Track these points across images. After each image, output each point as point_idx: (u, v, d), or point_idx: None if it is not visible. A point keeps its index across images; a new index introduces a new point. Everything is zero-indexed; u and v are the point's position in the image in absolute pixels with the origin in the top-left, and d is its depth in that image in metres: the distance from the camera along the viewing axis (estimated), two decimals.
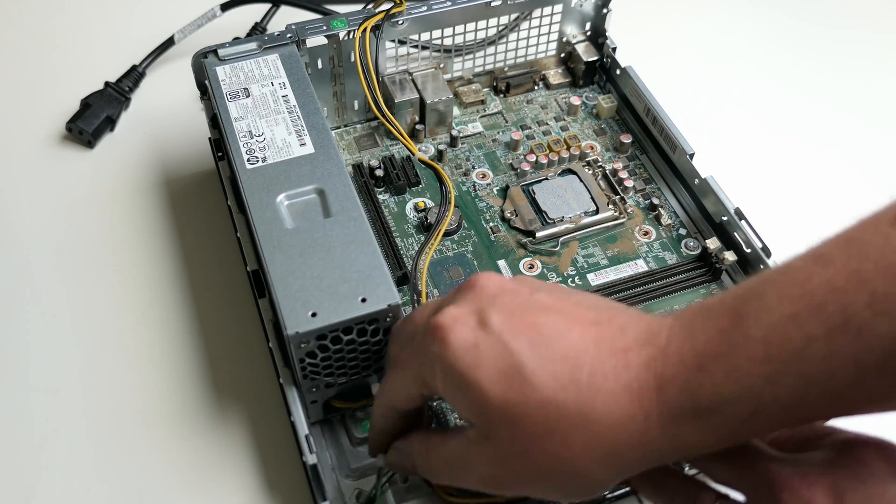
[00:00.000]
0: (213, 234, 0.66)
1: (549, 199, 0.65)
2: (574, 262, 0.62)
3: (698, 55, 0.81)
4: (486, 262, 0.62)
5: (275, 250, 0.49)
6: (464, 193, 0.66)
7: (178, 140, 0.73)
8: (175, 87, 0.75)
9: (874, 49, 0.82)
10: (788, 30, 0.84)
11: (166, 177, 0.70)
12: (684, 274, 0.61)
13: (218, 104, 0.58)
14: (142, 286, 0.63)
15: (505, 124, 0.71)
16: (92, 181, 0.70)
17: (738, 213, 0.59)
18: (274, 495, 0.53)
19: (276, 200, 0.52)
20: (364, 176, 0.66)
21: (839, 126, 0.76)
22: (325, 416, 0.52)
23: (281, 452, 0.55)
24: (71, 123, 0.71)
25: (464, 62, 0.72)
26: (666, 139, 0.66)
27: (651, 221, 0.65)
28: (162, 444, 0.55)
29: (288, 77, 0.59)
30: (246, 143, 0.55)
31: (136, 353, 0.59)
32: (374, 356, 0.50)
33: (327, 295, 0.47)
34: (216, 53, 0.61)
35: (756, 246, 0.58)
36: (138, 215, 0.67)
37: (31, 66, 0.78)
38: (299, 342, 0.46)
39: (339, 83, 0.67)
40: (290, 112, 0.57)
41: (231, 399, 0.57)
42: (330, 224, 0.51)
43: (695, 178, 0.63)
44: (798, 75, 0.80)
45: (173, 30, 0.77)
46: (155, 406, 0.57)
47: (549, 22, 0.71)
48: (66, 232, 0.66)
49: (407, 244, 0.63)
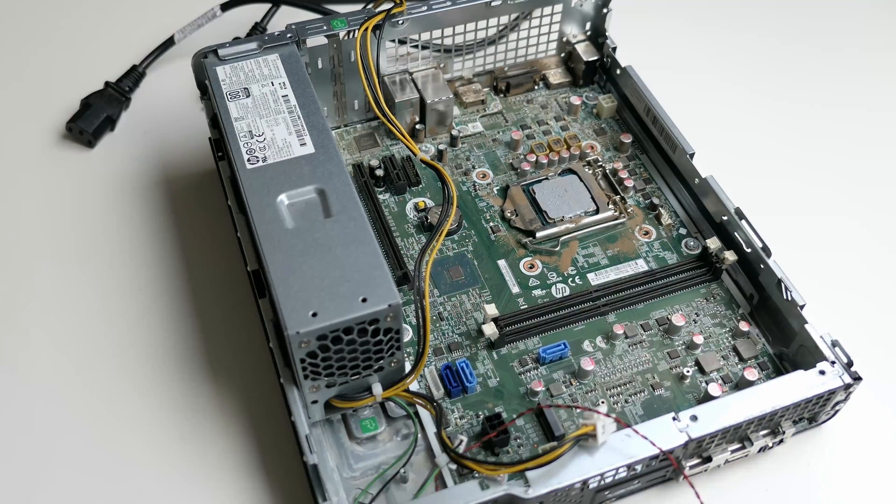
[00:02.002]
0: (213, 234, 0.66)
1: (549, 198, 0.65)
2: (574, 261, 0.62)
3: (698, 55, 0.81)
4: (486, 262, 0.62)
5: (275, 250, 0.49)
6: (464, 193, 0.66)
7: (178, 140, 0.73)
8: (175, 87, 0.75)
9: (875, 50, 0.82)
10: (789, 29, 0.84)
11: (166, 177, 0.70)
12: (684, 274, 0.61)
13: (218, 104, 0.58)
14: (142, 286, 0.63)
15: (505, 124, 0.71)
16: (92, 181, 0.70)
17: (739, 213, 0.59)
18: (274, 495, 0.53)
19: (276, 200, 0.52)
20: (364, 176, 0.66)
21: (839, 126, 0.76)
22: (325, 416, 0.52)
23: (281, 452, 0.55)
24: (71, 123, 0.71)
25: (464, 62, 0.72)
26: (666, 139, 0.66)
27: (651, 221, 0.65)
28: (162, 444, 0.55)
29: (288, 77, 0.59)
30: (246, 142, 0.55)
31: (136, 352, 0.59)
32: (375, 356, 0.50)
33: (328, 295, 0.47)
34: (216, 53, 0.61)
35: (756, 246, 0.58)
36: (138, 215, 0.67)
37: (31, 66, 0.78)
38: (300, 342, 0.46)
39: (339, 83, 0.67)
40: (290, 112, 0.57)
41: (231, 399, 0.57)
42: (330, 224, 0.51)
43: (695, 178, 0.63)
44: (798, 75, 0.80)
45: (173, 30, 0.77)
46: (155, 406, 0.57)
47: (549, 22, 0.71)
48: (65, 231, 0.66)
49: (407, 244, 0.63)
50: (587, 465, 0.47)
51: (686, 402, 0.55)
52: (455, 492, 0.46)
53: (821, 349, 0.53)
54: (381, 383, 0.51)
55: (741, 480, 0.54)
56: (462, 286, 0.61)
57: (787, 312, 0.56)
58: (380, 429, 0.52)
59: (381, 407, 0.53)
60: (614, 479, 0.49)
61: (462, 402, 0.55)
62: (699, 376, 0.56)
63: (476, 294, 0.60)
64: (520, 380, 0.56)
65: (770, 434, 0.53)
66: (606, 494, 0.51)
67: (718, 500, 0.53)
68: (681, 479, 0.53)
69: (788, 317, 0.56)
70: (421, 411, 0.52)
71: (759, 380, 0.55)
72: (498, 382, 0.56)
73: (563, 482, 0.46)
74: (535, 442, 0.53)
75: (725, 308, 0.60)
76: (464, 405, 0.55)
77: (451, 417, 0.54)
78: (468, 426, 0.54)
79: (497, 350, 0.57)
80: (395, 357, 0.50)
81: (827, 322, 0.56)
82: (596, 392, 0.56)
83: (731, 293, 0.61)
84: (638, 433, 0.48)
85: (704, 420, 0.49)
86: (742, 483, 0.54)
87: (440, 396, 0.55)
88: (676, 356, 0.57)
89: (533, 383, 0.55)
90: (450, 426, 0.54)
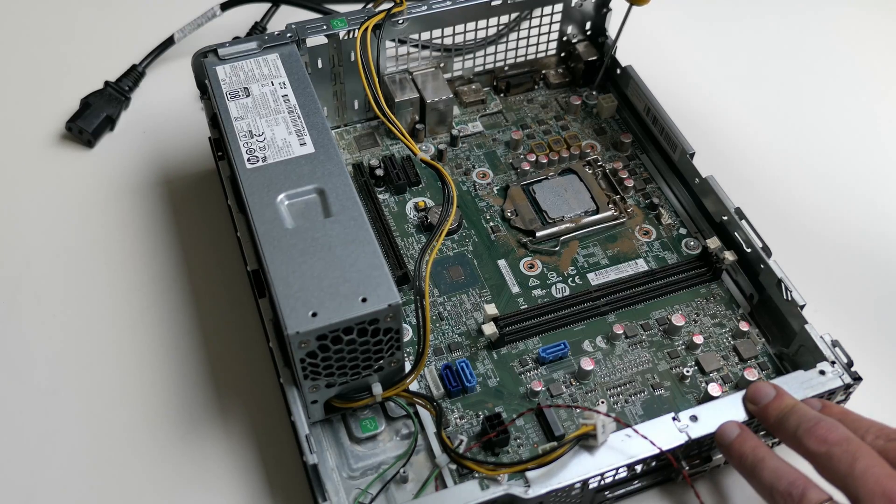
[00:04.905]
0: (213, 234, 0.66)
1: (549, 198, 0.65)
2: (574, 261, 0.62)
3: (699, 55, 0.81)
4: (486, 262, 0.62)
5: (275, 250, 0.49)
6: (464, 193, 0.66)
7: (178, 140, 0.72)
8: (175, 87, 0.75)
9: (875, 50, 0.82)
10: (789, 29, 0.84)
11: (166, 176, 0.70)
12: (684, 273, 0.61)
13: (218, 104, 0.58)
14: (142, 286, 0.63)
15: (505, 124, 0.71)
16: (92, 181, 0.70)
17: (739, 213, 0.59)
18: (274, 495, 0.53)
19: (276, 200, 0.52)
20: (364, 175, 0.66)
21: (839, 126, 0.76)
22: (325, 416, 0.52)
23: (281, 452, 0.55)
24: (71, 123, 0.71)
25: (464, 61, 0.72)
26: (666, 139, 0.66)
27: (651, 221, 0.65)
28: (162, 444, 0.55)
29: (288, 76, 0.59)
30: (246, 142, 0.55)
31: (135, 352, 0.59)
32: (375, 356, 0.50)
33: (328, 295, 0.47)
34: (216, 53, 0.61)
35: (756, 245, 0.58)
36: (138, 215, 0.67)
37: (31, 66, 0.78)
38: (300, 342, 0.46)
39: (339, 83, 0.67)
40: (290, 112, 0.57)
41: (231, 399, 0.57)
42: (330, 224, 0.51)
43: (695, 178, 0.63)
44: (798, 75, 0.80)
45: (173, 29, 0.77)
46: (155, 406, 0.57)
47: (549, 21, 0.71)
48: (65, 231, 0.66)
49: (407, 244, 0.63)
50: (587, 465, 0.47)
51: (686, 402, 0.55)
52: (455, 492, 0.46)
53: (821, 349, 0.53)
54: (380, 383, 0.51)
55: (741, 480, 0.54)
56: (462, 286, 0.61)
57: (787, 312, 0.56)
58: (380, 429, 0.52)
59: (381, 407, 0.53)
60: (614, 479, 0.49)
61: (462, 402, 0.55)
62: (699, 376, 0.56)
63: (476, 294, 0.60)
64: (520, 380, 0.56)
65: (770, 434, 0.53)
66: (606, 494, 0.51)
67: (718, 500, 0.53)
68: (680, 479, 0.53)
69: (788, 317, 0.56)
70: (421, 411, 0.52)
71: (759, 380, 0.55)
72: (498, 382, 0.56)
73: (563, 482, 0.46)
74: (535, 442, 0.53)
75: (725, 308, 0.60)
76: (464, 405, 0.55)
77: (451, 417, 0.54)
78: (468, 426, 0.54)
79: (497, 350, 0.57)
80: (395, 357, 0.50)
81: (827, 322, 0.56)
82: (596, 392, 0.56)
83: (731, 293, 0.61)
84: (638, 433, 0.48)
85: (704, 420, 0.49)
86: (742, 483, 0.54)
87: (440, 396, 0.55)
88: (676, 356, 0.57)
89: (533, 383, 0.55)
90: (450, 426, 0.54)
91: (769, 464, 0.46)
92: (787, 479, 0.45)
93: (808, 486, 0.44)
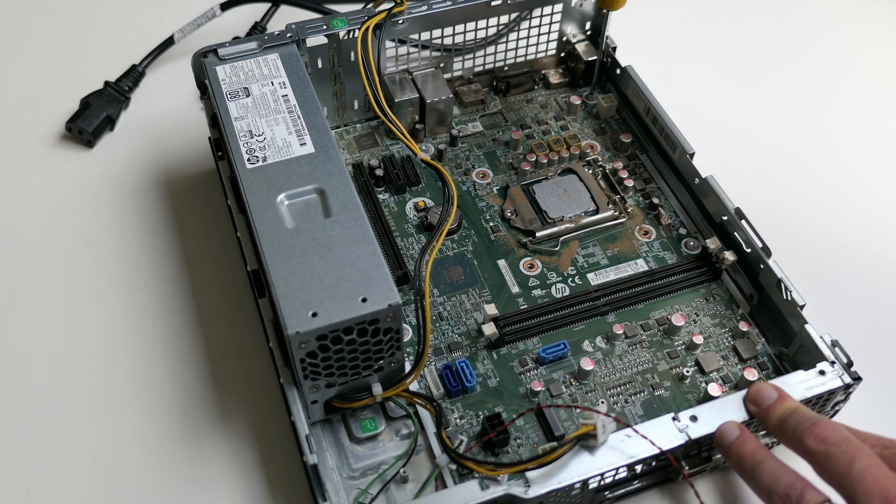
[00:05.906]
0: (213, 234, 0.66)
1: (549, 198, 0.65)
2: (574, 261, 0.62)
3: (698, 54, 0.81)
4: (486, 262, 0.62)
5: (275, 250, 0.49)
6: (464, 193, 0.66)
7: (178, 140, 0.72)
8: (175, 87, 0.75)
9: (876, 50, 0.82)
10: (789, 29, 0.84)
11: (166, 177, 0.70)
12: (684, 273, 0.61)
13: (218, 104, 0.58)
14: (142, 286, 0.63)
15: (505, 124, 0.71)
16: (92, 181, 0.70)
17: (738, 213, 0.59)
18: (274, 495, 0.53)
19: (276, 200, 0.52)
20: (364, 175, 0.66)
21: (839, 126, 0.76)
22: (325, 416, 0.52)
23: (281, 452, 0.55)
24: (71, 123, 0.71)
25: (464, 62, 0.72)
26: (666, 139, 0.66)
27: (651, 221, 0.65)
28: (162, 444, 0.55)
29: (288, 76, 0.59)
30: (246, 142, 0.55)
31: (135, 352, 0.59)
32: (375, 356, 0.50)
33: (328, 295, 0.47)
34: (216, 53, 0.61)
35: (756, 246, 0.58)
36: (138, 215, 0.67)
37: (31, 66, 0.78)
38: (300, 342, 0.46)
39: (339, 83, 0.67)
40: (290, 112, 0.57)
41: (231, 399, 0.57)
42: (330, 224, 0.51)
43: (695, 178, 0.63)
44: (798, 75, 0.80)
45: (173, 29, 0.77)
46: (155, 406, 0.57)
47: (548, 22, 0.71)
48: (65, 231, 0.66)
49: (407, 244, 0.63)
50: (587, 465, 0.47)
51: (686, 402, 0.55)
52: (455, 492, 0.46)
53: (821, 349, 0.53)
54: (380, 383, 0.51)
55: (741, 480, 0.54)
56: (462, 286, 0.61)
57: (787, 312, 0.56)
58: (380, 429, 0.52)
59: (381, 407, 0.53)
60: (614, 479, 0.49)
61: (462, 402, 0.55)
62: (699, 376, 0.56)
63: (476, 294, 0.60)
64: (520, 380, 0.56)
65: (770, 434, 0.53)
66: (606, 494, 0.51)
67: (718, 500, 0.53)
68: (680, 478, 0.53)
69: (788, 317, 0.56)
70: (421, 411, 0.52)
71: (759, 380, 0.55)
72: (498, 382, 0.56)
73: (563, 482, 0.47)
74: (535, 442, 0.53)
75: (725, 308, 0.60)
76: (464, 405, 0.55)
77: (451, 417, 0.54)
78: (468, 426, 0.54)
79: (497, 350, 0.57)
80: (394, 357, 0.50)
81: (827, 322, 0.56)
82: (596, 392, 0.56)
83: (730, 293, 0.61)
84: (638, 433, 0.48)
85: (704, 420, 0.49)
86: (742, 483, 0.54)
87: (440, 396, 0.55)
88: (676, 356, 0.57)
89: (533, 383, 0.55)
90: (450, 426, 0.54)
91: (768, 466, 0.46)
92: (786, 481, 0.45)
93: (806, 488, 0.44)
